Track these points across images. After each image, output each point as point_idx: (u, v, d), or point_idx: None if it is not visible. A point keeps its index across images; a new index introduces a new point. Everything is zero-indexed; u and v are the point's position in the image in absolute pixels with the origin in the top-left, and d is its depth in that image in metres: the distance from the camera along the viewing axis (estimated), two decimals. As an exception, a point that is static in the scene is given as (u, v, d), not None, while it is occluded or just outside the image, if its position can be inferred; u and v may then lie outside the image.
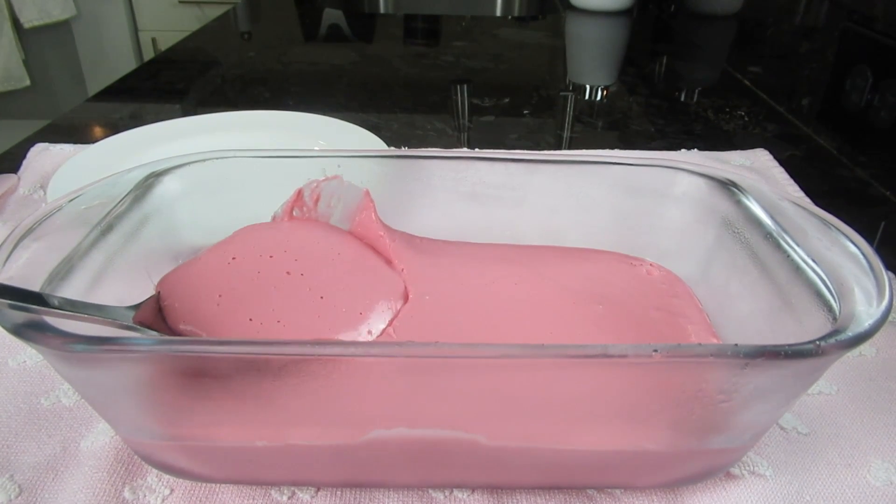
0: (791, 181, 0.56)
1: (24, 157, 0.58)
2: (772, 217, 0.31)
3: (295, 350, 0.23)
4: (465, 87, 0.83)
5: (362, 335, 0.30)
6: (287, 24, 1.18)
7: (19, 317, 0.23)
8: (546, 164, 0.37)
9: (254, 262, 0.32)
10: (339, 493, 0.29)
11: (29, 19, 1.87)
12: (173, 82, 0.83)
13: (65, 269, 0.27)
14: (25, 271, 0.26)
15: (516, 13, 1.43)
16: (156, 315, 0.30)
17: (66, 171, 0.51)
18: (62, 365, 0.24)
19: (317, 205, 0.36)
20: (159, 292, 0.31)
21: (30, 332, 0.22)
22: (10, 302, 0.23)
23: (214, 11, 1.81)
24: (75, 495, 0.28)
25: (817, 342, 0.22)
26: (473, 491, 0.29)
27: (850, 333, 0.23)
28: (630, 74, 0.92)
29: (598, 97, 0.82)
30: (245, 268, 0.31)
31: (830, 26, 1.12)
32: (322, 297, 0.30)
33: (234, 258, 0.32)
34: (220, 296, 0.30)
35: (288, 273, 0.31)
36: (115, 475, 0.29)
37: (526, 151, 0.43)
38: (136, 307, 0.29)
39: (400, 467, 0.28)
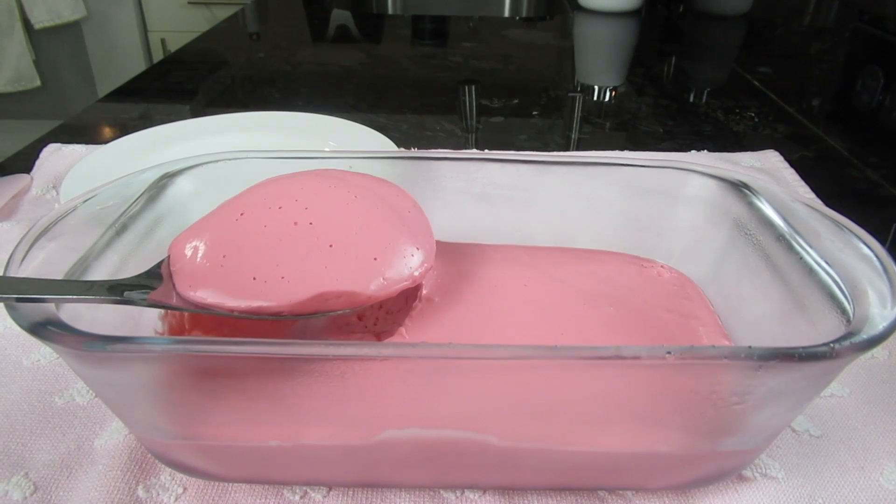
0: (802, 182, 0.56)
1: (36, 157, 0.58)
2: (784, 219, 0.31)
3: (307, 350, 0.23)
4: (474, 87, 0.83)
5: (375, 283, 0.28)
6: (295, 25, 1.19)
7: (36, 315, 0.23)
8: (556, 165, 0.37)
9: (262, 215, 0.30)
10: (350, 492, 0.29)
11: (39, 20, 1.88)
12: (183, 83, 0.84)
13: (80, 269, 0.27)
14: (41, 271, 0.26)
15: (524, 14, 1.43)
16: (169, 281, 0.29)
17: (79, 171, 0.52)
18: (77, 363, 0.25)
19: (328, 205, 0.36)
20: (169, 256, 0.30)
21: (46, 330, 0.23)
22: (16, 296, 0.23)
23: (223, 12, 1.82)
24: (89, 493, 0.28)
25: (831, 345, 0.22)
26: (485, 492, 0.29)
27: (864, 336, 0.23)
28: (638, 75, 0.92)
29: (607, 98, 0.82)
30: (252, 223, 0.29)
31: (841, 27, 1.12)
32: (331, 246, 0.29)
33: (241, 214, 0.30)
34: (224, 256, 0.28)
35: (295, 223, 0.29)
36: (128, 473, 0.29)
37: (536, 153, 0.43)
38: (149, 275, 0.28)
39: (412, 468, 0.28)
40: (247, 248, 0.29)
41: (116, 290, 0.26)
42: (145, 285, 0.28)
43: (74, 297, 0.25)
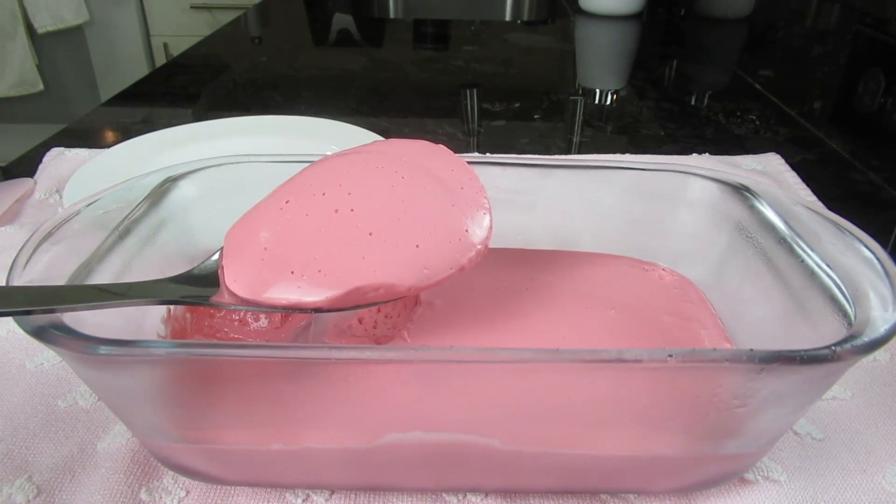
0: (803, 185, 0.56)
1: (39, 161, 0.58)
2: (785, 222, 0.31)
3: (310, 354, 0.23)
4: (475, 91, 0.83)
5: (415, 275, 0.27)
6: (298, 29, 1.19)
7: (39, 319, 0.23)
8: (558, 168, 0.37)
9: (305, 203, 0.28)
10: (353, 496, 0.29)
11: (43, 25, 1.89)
12: (185, 87, 0.84)
13: (83, 273, 0.27)
14: (45, 275, 0.26)
15: (526, 17, 1.43)
16: (223, 276, 0.28)
17: (82, 175, 0.52)
18: (80, 366, 0.25)
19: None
20: (222, 248, 0.29)
21: (49, 334, 0.23)
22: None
23: (226, 16, 1.82)
24: (92, 496, 0.28)
25: (833, 347, 0.22)
26: (487, 495, 0.29)
27: (865, 339, 0.23)
28: (640, 78, 0.92)
29: (608, 101, 0.82)
30: (295, 212, 0.28)
31: (842, 29, 1.12)
32: (371, 234, 0.27)
33: (287, 202, 0.29)
34: (265, 249, 0.28)
35: (336, 211, 0.28)
36: (131, 477, 0.29)
37: (537, 156, 0.44)
38: (206, 271, 0.28)
39: (414, 471, 0.28)
40: (287, 240, 0.28)
41: (173, 292, 0.27)
42: (206, 283, 0.28)
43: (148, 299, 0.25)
